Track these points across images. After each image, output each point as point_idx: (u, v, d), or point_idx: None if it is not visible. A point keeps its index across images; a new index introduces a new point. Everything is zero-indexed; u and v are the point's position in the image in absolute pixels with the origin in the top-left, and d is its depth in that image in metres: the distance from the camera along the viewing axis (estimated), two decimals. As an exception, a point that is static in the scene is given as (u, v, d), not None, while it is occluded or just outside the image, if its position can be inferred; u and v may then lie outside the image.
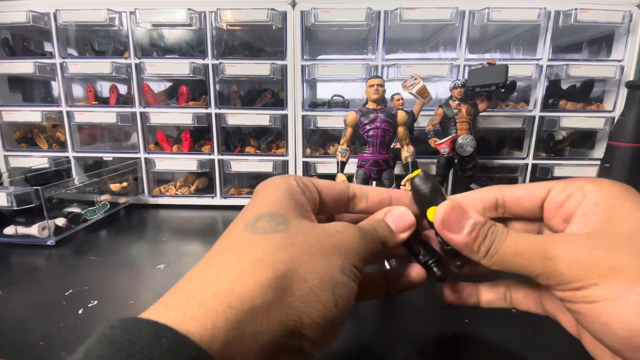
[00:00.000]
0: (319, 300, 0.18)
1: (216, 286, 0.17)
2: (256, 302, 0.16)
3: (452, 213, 0.23)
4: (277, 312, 0.17)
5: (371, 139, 0.49)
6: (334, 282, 0.19)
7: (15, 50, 0.81)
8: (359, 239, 0.22)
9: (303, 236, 0.20)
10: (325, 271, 0.19)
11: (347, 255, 0.21)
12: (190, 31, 0.79)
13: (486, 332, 0.35)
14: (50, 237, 0.58)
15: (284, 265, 0.18)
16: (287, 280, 0.18)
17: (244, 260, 0.18)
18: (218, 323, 0.15)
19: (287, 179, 0.24)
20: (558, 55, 0.75)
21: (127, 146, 0.95)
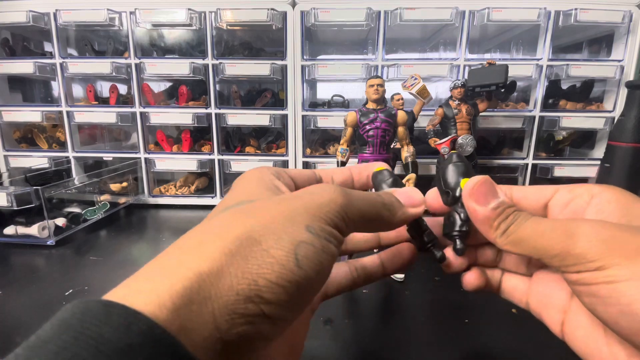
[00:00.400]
0: (276, 262, 0.17)
1: (165, 262, 0.17)
2: (202, 270, 0.16)
3: (483, 186, 0.23)
4: (227, 277, 0.16)
5: (371, 139, 0.49)
6: (295, 241, 0.18)
7: (15, 50, 0.81)
8: (337, 197, 0.21)
9: (264, 204, 0.20)
10: (285, 231, 0.18)
11: (317, 213, 0.20)
12: (190, 31, 0.79)
13: (486, 332, 0.35)
14: (50, 237, 0.58)
15: (236, 231, 0.18)
16: (238, 246, 0.17)
17: (195, 235, 0.18)
18: (164, 294, 0.15)
19: (261, 170, 0.24)
20: (558, 55, 0.75)
21: (127, 146, 0.95)
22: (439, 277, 0.47)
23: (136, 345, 0.13)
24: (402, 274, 0.46)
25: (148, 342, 0.13)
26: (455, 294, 0.43)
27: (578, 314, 0.23)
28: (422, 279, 0.46)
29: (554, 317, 0.24)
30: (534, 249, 0.21)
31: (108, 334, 0.13)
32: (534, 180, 0.78)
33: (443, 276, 0.47)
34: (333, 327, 0.36)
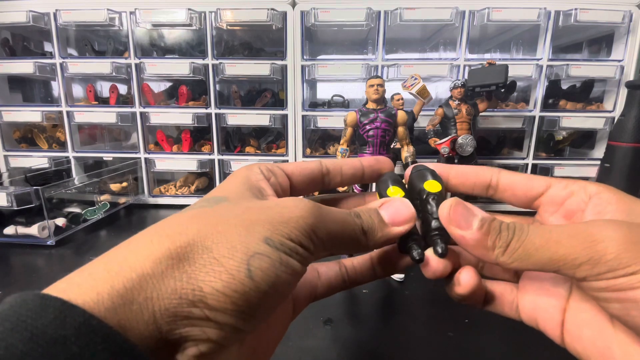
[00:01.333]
0: (224, 270, 0.17)
1: (110, 258, 0.17)
2: (146, 270, 0.16)
3: (458, 208, 0.21)
4: (171, 280, 0.16)
5: (371, 139, 0.49)
6: (249, 252, 0.18)
7: (15, 50, 0.81)
8: (303, 213, 0.20)
9: (228, 209, 0.20)
10: (240, 241, 0.18)
11: (279, 227, 0.19)
12: (190, 31, 0.79)
13: (486, 332, 0.35)
14: (50, 237, 0.58)
15: (187, 236, 0.18)
16: (187, 250, 0.17)
17: (146, 234, 0.18)
18: (103, 290, 0.15)
19: (250, 168, 0.24)
20: (558, 55, 0.75)
21: (127, 146, 0.95)
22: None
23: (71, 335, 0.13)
24: (402, 274, 0.46)
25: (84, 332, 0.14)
26: (455, 294, 0.43)
27: (580, 312, 0.21)
28: (422, 279, 0.46)
29: (552, 319, 0.22)
30: (551, 261, 0.19)
31: (43, 325, 0.13)
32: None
33: (443, 276, 0.47)
34: (333, 327, 0.36)
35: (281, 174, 0.24)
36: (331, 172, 0.26)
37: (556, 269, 0.19)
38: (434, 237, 0.23)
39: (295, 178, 0.25)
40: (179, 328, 0.17)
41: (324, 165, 0.26)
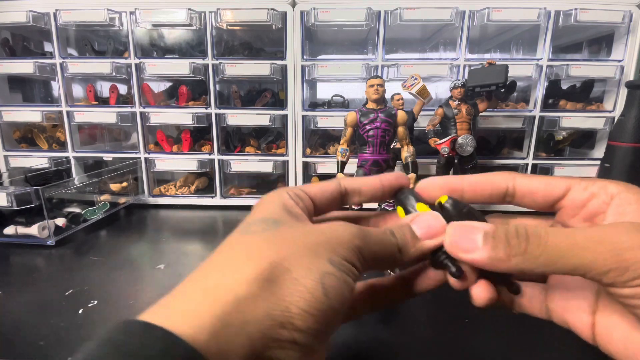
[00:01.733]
0: (306, 290, 0.18)
1: (203, 284, 0.18)
2: (240, 294, 0.17)
3: (456, 232, 0.22)
4: (263, 303, 0.17)
5: (371, 139, 0.49)
6: (321, 272, 0.19)
7: (15, 50, 0.81)
8: (353, 237, 0.21)
9: (291, 232, 0.21)
10: (312, 262, 0.19)
11: (337, 249, 0.20)
12: (190, 31, 0.79)
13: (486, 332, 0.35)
14: (50, 237, 0.58)
15: (268, 258, 0.18)
16: (272, 272, 0.18)
17: (231, 258, 0.19)
18: (204, 316, 0.16)
19: (280, 193, 0.24)
20: (558, 55, 0.75)
21: (127, 146, 0.95)
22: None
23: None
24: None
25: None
26: (455, 293, 0.42)
27: (610, 314, 0.21)
28: (422, 279, 0.46)
29: (582, 321, 0.22)
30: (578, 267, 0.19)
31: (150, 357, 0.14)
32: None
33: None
34: (333, 327, 0.36)
35: (306, 198, 0.25)
36: (349, 192, 0.27)
37: (582, 274, 0.19)
38: (443, 260, 0.23)
39: (317, 200, 0.26)
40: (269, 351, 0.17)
41: (343, 186, 0.26)
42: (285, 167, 0.79)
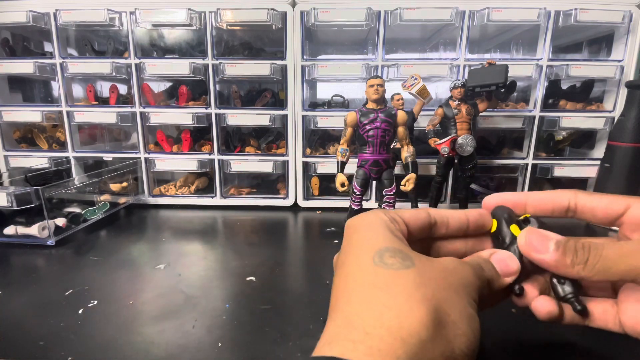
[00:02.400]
0: (462, 333, 0.19)
1: (386, 322, 0.18)
2: (422, 336, 0.18)
3: (533, 235, 0.25)
4: (438, 345, 0.18)
5: (371, 139, 0.49)
6: (467, 315, 0.20)
7: (15, 50, 0.81)
8: (474, 277, 0.23)
9: (431, 272, 0.22)
10: (460, 305, 0.21)
11: (469, 291, 0.22)
12: (190, 31, 0.79)
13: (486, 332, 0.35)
14: (50, 237, 0.58)
15: (431, 300, 0.20)
16: (438, 315, 0.19)
17: (398, 297, 0.20)
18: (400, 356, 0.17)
19: (380, 216, 0.26)
20: (558, 55, 0.75)
21: (127, 146, 0.95)
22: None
23: None
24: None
25: None
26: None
27: None
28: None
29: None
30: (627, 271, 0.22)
31: None
32: (534, 180, 0.78)
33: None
34: (333, 327, 0.36)
35: (401, 222, 0.27)
36: (438, 224, 0.28)
37: (633, 278, 0.22)
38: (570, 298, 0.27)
39: (411, 226, 0.27)
40: None
41: (432, 217, 0.28)
42: (285, 167, 0.79)
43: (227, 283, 0.45)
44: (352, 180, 0.51)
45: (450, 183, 0.77)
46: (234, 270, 0.48)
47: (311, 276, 0.48)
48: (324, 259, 0.53)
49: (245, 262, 0.51)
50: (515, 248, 0.27)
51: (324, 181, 0.83)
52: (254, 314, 0.38)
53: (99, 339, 0.34)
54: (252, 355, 0.32)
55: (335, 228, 0.66)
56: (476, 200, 0.81)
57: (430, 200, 0.70)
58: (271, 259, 0.53)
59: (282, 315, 0.38)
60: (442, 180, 0.68)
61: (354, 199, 0.49)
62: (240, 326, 0.36)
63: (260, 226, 0.69)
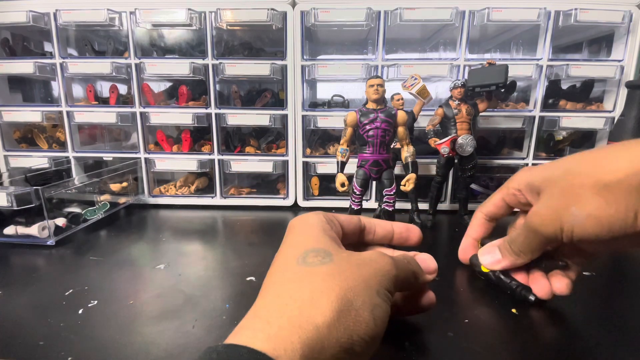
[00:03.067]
0: (363, 320, 0.21)
1: (288, 312, 0.20)
2: (319, 323, 0.19)
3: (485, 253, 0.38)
4: (335, 331, 0.20)
5: (371, 139, 0.49)
6: (372, 304, 0.22)
7: (15, 50, 0.81)
8: (391, 267, 0.25)
9: (346, 265, 0.24)
10: (366, 294, 0.22)
11: (382, 281, 0.24)
12: (190, 31, 0.79)
13: (486, 332, 0.35)
14: (50, 237, 0.58)
15: (335, 291, 0.21)
16: (341, 304, 0.21)
17: (304, 289, 0.22)
18: (295, 342, 0.18)
19: (319, 217, 0.29)
20: (558, 55, 0.75)
21: (127, 146, 0.95)
22: (439, 277, 0.46)
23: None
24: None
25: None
26: (454, 293, 0.43)
27: None
28: (422, 279, 0.46)
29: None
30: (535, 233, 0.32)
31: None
32: (534, 180, 0.78)
33: (443, 276, 0.47)
34: (333, 327, 0.36)
35: (337, 224, 0.30)
36: (366, 230, 0.33)
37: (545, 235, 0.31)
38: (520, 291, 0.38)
39: (345, 228, 0.31)
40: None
41: (363, 223, 0.33)
42: (285, 167, 0.79)
43: (227, 283, 0.45)
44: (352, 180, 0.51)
45: (450, 183, 0.77)
46: (234, 270, 0.48)
47: (311, 276, 0.48)
48: (324, 259, 0.53)
49: (245, 262, 0.51)
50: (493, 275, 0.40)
51: (324, 181, 0.83)
52: (254, 314, 0.38)
53: (99, 339, 0.34)
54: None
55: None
56: (476, 200, 0.81)
57: (430, 200, 0.70)
58: (271, 259, 0.52)
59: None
60: (442, 180, 0.68)
61: (354, 199, 0.49)
62: (240, 326, 0.36)
63: (260, 226, 0.69)
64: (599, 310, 0.39)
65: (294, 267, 0.24)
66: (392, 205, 0.48)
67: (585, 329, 0.36)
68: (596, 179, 0.27)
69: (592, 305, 0.40)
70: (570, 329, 0.36)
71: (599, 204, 0.27)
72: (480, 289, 0.43)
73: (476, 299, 0.41)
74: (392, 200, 0.48)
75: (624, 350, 0.32)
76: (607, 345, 0.33)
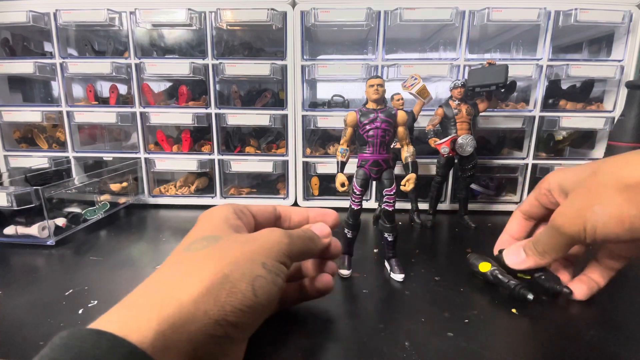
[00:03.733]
0: (239, 291, 0.22)
1: (151, 295, 0.21)
2: (184, 300, 0.20)
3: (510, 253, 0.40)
4: (203, 305, 0.20)
5: (371, 139, 0.49)
6: (253, 275, 0.23)
7: (15, 50, 0.81)
8: (282, 238, 0.27)
9: (229, 244, 0.25)
10: (247, 267, 0.23)
11: (270, 253, 0.25)
12: (190, 31, 0.79)
13: (486, 332, 0.35)
14: (50, 237, 0.58)
15: (209, 269, 0.22)
16: (212, 279, 0.22)
17: (177, 272, 0.23)
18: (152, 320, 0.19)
19: (226, 208, 0.30)
20: (558, 55, 0.75)
21: (127, 146, 0.95)
22: (438, 277, 0.47)
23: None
24: (402, 274, 0.46)
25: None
26: (455, 293, 0.43)
27: None
28: (422, 279, 0.46)
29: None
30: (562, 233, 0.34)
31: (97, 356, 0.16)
32: (534, 180, 0.78)
33: (443, 276, 0.47)
34: (333, 327, 0.36)
35: (249, 214, 0.31)
36: (282, 217, 0.35)
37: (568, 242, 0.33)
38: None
39: (258, 217, 0.32)
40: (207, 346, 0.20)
41: (277, 211, 0.35)
42: (285, 167, 0.79)
43: (227, 283, 0.45)
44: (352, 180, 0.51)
45: (450, 183, 0.77)
46: (234, 270, 0.48)
47: (311, 276, 0.48)
48: (324, 259, 0.53)
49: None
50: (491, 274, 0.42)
51: (323, 181, 0.83)
52: (254, 314, 0.38)
53: (99, 339, 0.34)
54: (252, 355, 0.32)
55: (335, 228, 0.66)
56: (476, 200, 0.81)
57: (430, 200, 0.70)
58: (271, 259, 0.53)
59: (282, 315, 0.38)
60: (442, 180, 0.68)
61: (353, 199, 0.49)
62: (240, 326, 0.36)
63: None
64: (599, 310, 0.39)
65: (178, 254, 0.25)
66: (392, 205, 0.48)
67: (585, 328, 0.36)
68: (619, 180, 0.28)
69: (593, 305, 0.40)
70: (570, 328, 0.36)
71: (622, 203, 0.28)
72: (481, 289, 0.43)
73: (476, 299, 0.41)
74: (392, 200, 0.48)
75: (625, 350, 0.32)
76: (607, 345, 0.33)
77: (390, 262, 0.48)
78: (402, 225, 0.68)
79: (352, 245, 0.50)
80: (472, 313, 0.38)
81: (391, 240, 0.48)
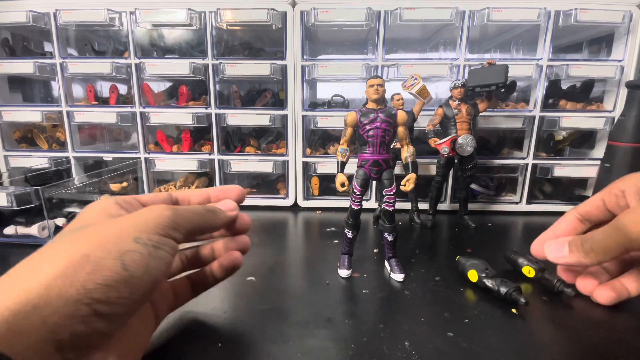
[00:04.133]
0: (104, 268, 0.21)
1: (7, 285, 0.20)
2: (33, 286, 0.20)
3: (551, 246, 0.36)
4: (57, 288, 0.20)
5: (371, 139, 0.49)
6: (122, 250, 0.22)
7: (15, 50, 0.81)
8: (163, 212, 0.26)
9: (97, 228, 0.24)
10: (113, 244, 0.22)
11: (146, 228, 0.24)
12: (190, 31, 0.79)
13: (486, 332, 0.35)
14: (50, 237, 0.58)
15: (67, 252, 0.21)
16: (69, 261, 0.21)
17: (33, 260, 0.22)
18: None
19: (107, 201, 0.29)
20: (558, 55, 0.75)
21: (127, 146, 0.95)
22: (438, 277, 0.47)
23: None
24: (402, 274, 0.46)
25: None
26: (455, 293, 0.43)
27: None
28: (422, 279, 0.46)
29: None
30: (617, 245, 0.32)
31: None
32: (534, 180, 0.78)
33: (443, 276, 0.47)
34: (333, 327, 0.36)
35: (136, 204, 0.30)
36: (180, 202, 0.33)
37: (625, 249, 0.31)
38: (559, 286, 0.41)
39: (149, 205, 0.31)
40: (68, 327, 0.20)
41: (174, 197, 0.33)
42: (285, 167, 0.79)
43: (227, 283, 0.45)
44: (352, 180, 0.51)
45: (450, 183, 0.77)
46: (234, 270, 0.48)
47: (311, 276, 0.48)
48: (323, 259, 0.53)
49: (245, 262, 0.51)
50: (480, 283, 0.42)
51: (324, 181, 0.83)
52: (254, 314, 0.38)
53: (99, 339, 0.34)
54: (252, 355, 0.32)
55: (335, 228, 0.66)
56: (476, 200, 0.81)
57: (430, 200, 0.70)
58: (271, 259, 0.53)
59: (282, 315, 0.38)
60: (442, 180, 0.68)
61: (354, 199, 0.49)
62: (240, 326, 0.36)
63: (260, 226, 0.69)
64: (599, 311, 0.39)
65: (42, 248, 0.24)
66: (392, 205, 0.48)
67: (585, 329, 0.36)
68: None
69: (593, 305, 0.40)
70: (570, 329, 0.36)
71: None
72: (480, 289, 0.43)
73: (476, 299, 0.41)
74: (392, 200, 0.48)
75: (625, 350, 0.32)
76: (607, 345, 0.33)
77: (390, 262, 0.48)
78: (402, 225, 0.68)
79: (352, 245, 0.50)
80: (472, 313, 0.38)
81: (391, 240, 0.48)
